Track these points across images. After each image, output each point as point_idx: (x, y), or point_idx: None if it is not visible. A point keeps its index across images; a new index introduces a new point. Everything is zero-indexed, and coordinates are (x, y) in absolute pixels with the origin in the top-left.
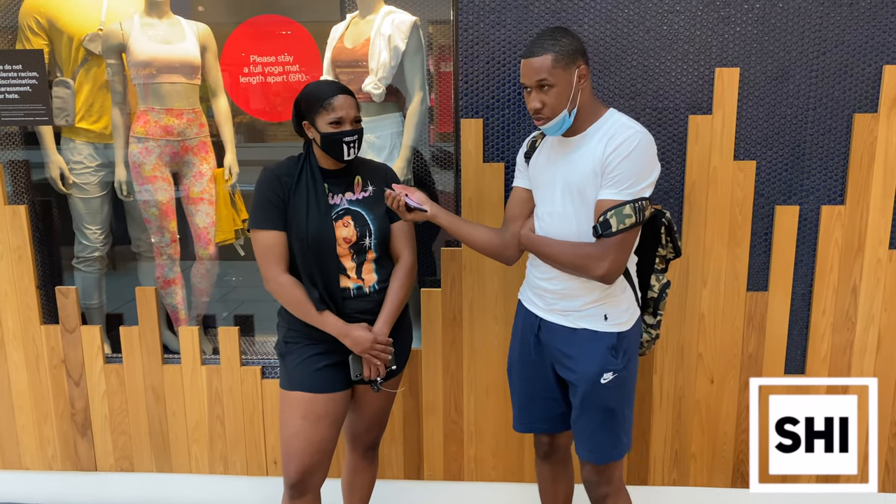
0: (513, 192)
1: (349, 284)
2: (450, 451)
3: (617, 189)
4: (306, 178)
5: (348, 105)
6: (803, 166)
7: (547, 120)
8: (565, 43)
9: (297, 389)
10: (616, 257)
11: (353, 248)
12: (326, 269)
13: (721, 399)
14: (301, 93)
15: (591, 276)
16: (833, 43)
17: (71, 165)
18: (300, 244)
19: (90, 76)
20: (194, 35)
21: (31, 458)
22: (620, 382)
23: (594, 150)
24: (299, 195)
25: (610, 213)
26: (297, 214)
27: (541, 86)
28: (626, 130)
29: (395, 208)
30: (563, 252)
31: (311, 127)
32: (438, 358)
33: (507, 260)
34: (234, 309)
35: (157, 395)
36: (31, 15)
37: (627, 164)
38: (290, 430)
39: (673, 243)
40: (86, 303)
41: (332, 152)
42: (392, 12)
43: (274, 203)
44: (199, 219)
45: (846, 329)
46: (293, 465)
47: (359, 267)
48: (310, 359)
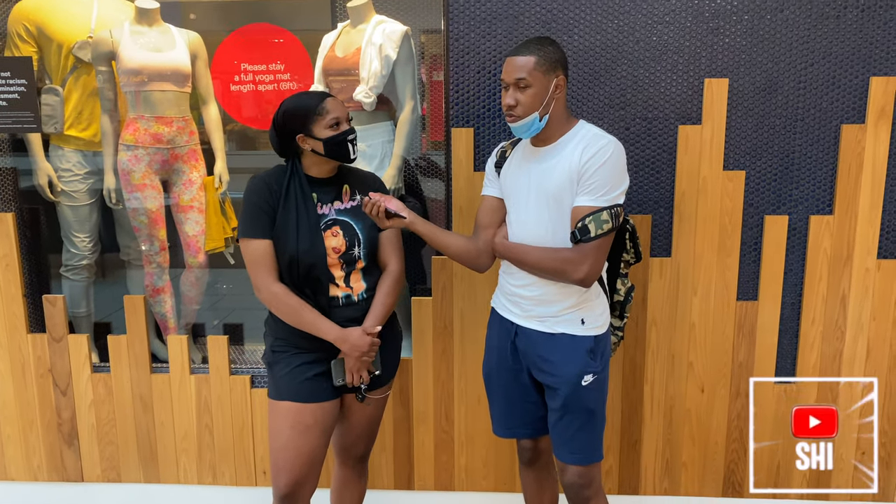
0: (483, 201)
1: (338, 293)
2: (440, 460)
3: (594, 196)
4: (295, 189)
5: (339, 106)
6: (792, 176)
7: (518, 118)
8: (550, 51)
9: (285, 399)
10: (594, 261)
11: (342, 257)
12: (316, 280)
13: (712, 408)
14: (282, 111)
15: (571, 281)
16: (821, 55)
17: (59, 173)
18: (290, 257)
19: (79, 84)
20: (185, 43)
21: (16, 468)
22: (599, 384)
23: (569, 159)
24: (288, 207)
25: (588, 219)
26: (286, 227)
27: (518, 84)
28: (601, 140)
29: (374, 215)
30: (542, 258)
31: (307, 139)
32: (429, 367)
33: (479, 267)
34: (224, 317)
35: (146, 405)
36: (20, 22)
37: (603, 171)
38: (279, 440)
39: (635, 248)
40: (73, 311)
41: (338, 155)
42: (383, 22)
43: (264, 211)
44: (188, 227)
45: (836, 338)
46: (283, 477)
47: (347, 276)
48: (298, 368)
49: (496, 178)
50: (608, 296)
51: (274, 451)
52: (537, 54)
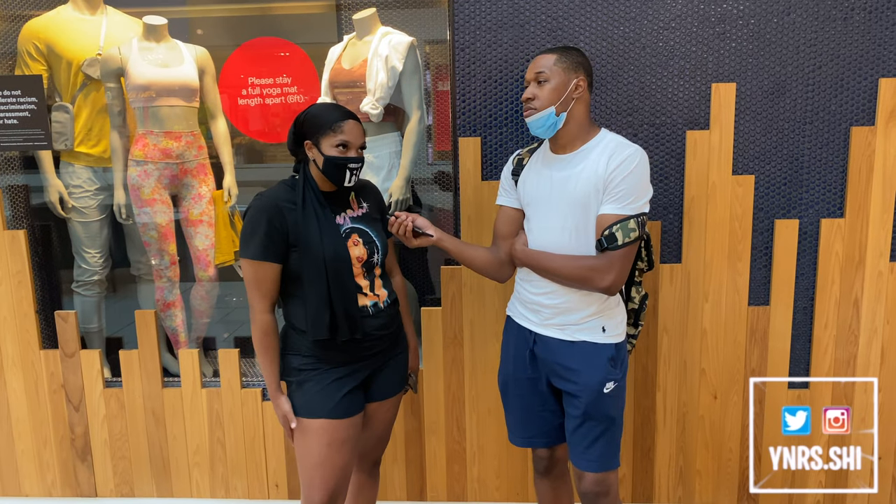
0: (501, 211)
1: (366, 302)
2: (453, 471)
3: (621, 204)
4: (311, 201)
5: (357, 132)
6: (802, 180)
7: (534, 111)
8: (574, 54)
9: (319, 417)
10: (620, 269)
11: (364, 266)
12: (346, 289)
13: (725, 414)
14: (306, 112)
15: (596, 288)
16: (828, 57)
17: (70, 189)
18: (318, 269)
19: (89, 100)
20: (192, 58)
21: (30, 484)
22: (619, 391)
23: (595, 167)
24: (308, 218)
25: (616, 227)
26: (310, 240)
27: (538, 78)
28: (627, 148)
29: (402, 234)
30: (565, 265)
31: (313, 147)
32: (440, 377)
33: (502, 278)
34: (235, 331)
35: (158, 419)
36: (29, 41)
37: (630, 180)
38: (313, 458)
39: (648, 256)
40: (85, 327)
41: (332, 176)
42: (389, 33)
43: (269, 234)
44: (198, 241)
45: (849, 342)
46: (318, 493)
47: (371, 283)
48: (330, 385)
49: (513, 187)
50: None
51: (308, 469)
52: (559, 53)
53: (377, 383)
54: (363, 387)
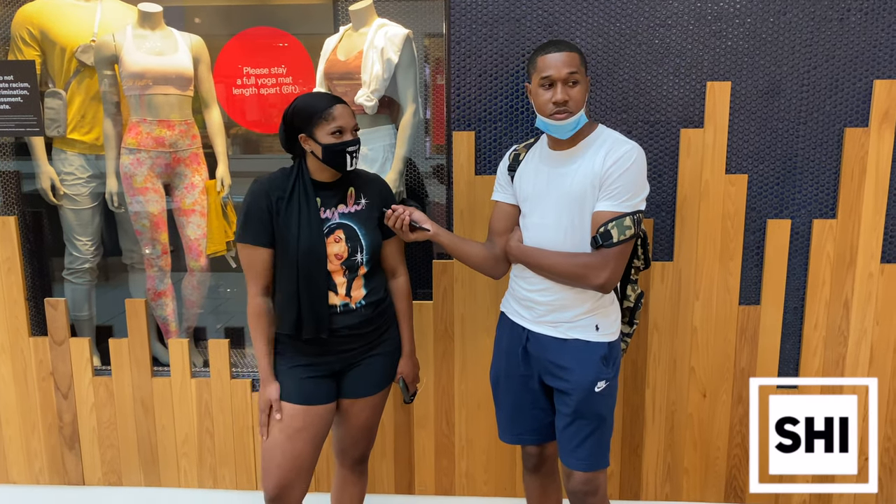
0: (497, 207)
1: (336, 301)
2: (441, 465)
3: (617, 201)
4: (299, 192)
5: (347, 114)
6: (795, 180)
7: (570, 115)
8: (582, 53)
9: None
10: (615, 267)
11: (344, 264)
12: (315, 286)
13: (714, 413)
14: (293, 107)
15: (590, 286)
16: (824, 58)
17: (62, 176)
18: (289, 260)
19: (82, 87)
20: (187, 47)
21: (18, 471)
22: (611, 390)
23: (592, 163)
24: (290, 210)
25: (611, 224)
26: (287, 230)
27: (570, 80)
28: (624, 145)
29: (398, 228)
30: (560, 262)
31: (308, 140)
32: (430, 371)
33: (497, 274)
34: (226, 321)
35: (146, 408)
36: (23, 26)
37: (627, 177)
38: (268, 441)
39: (645, 255)
40: (75, 314)
41: (334, 163)
42: (385, 25)
43: (258, 218)
44: (190, 230)
45: (838, 343)
46: (269, 479)
47: (349, 283)
48: (293, 370)
49: (509, 183)
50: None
51: (263, 452)
52: (578, 52)
53: (349, 380)
54: (335, 380)
